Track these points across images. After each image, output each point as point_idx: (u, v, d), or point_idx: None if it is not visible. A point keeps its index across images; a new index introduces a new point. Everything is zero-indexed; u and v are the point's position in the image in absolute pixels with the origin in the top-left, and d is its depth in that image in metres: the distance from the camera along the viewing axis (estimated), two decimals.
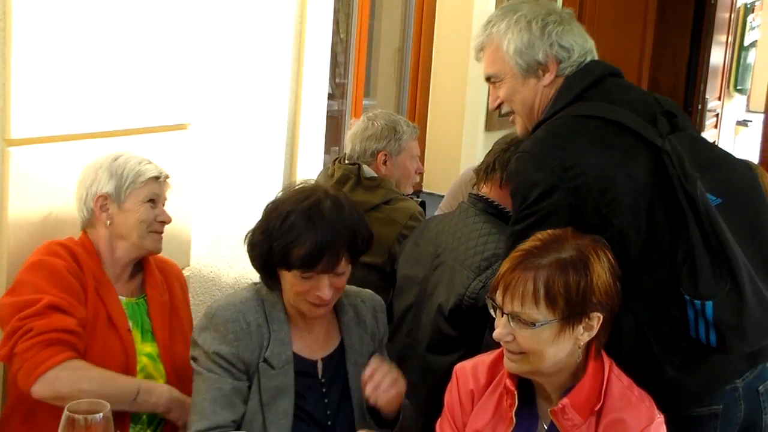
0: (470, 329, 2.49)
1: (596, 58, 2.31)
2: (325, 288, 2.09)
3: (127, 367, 2.28)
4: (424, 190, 4.41)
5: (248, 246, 2.15)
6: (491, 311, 1.96)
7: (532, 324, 1.88)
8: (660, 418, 1.96)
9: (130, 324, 2.34)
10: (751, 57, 9.00)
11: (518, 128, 2.36)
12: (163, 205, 2.42)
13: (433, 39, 4.46)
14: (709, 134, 7.87)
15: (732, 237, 2.03)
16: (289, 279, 2.09)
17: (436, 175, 4.27)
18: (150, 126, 2.74)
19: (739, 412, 2.20)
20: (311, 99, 3.40)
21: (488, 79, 2.35)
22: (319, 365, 2.20)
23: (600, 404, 1.94)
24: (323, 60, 3.47)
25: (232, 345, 2.09)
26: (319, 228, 2.04)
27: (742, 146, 9.42)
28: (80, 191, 2.40)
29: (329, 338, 2.24)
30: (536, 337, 1.90)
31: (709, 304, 2.02)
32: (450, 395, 2.10)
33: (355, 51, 4.01)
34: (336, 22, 3.83)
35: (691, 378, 2.09)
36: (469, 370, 2.10)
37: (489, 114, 4.66)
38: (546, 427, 2.00)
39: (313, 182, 2.25)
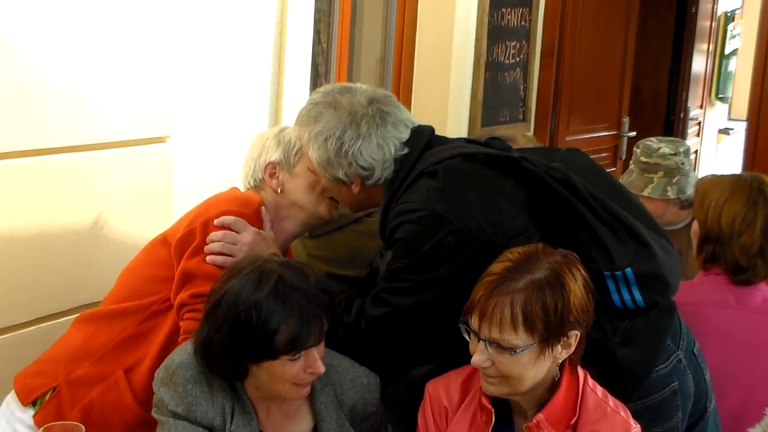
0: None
1: (413, 126, 2.28)
2: (317, 361, 1.94)
3: None
4: None
5: (211, 357, 1.93)
6: (465, 336, 1.92)
7: (512, 350, 1.86)
8: (636, 428, 1.95)
9: None
10: (732, 65, 9.04)
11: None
12: None
13: (414, 49, 4.43)
14: (691, 143, 7.86)
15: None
16: (276, 369, 1.91)
17: None
18: (127, 139, 2.70)
19: (689, 381, 2.29)
20: (292, 110, 3.36)
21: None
22: None
23: (575, 418, 1.93)
24: (304, 70, 3.43)
25: (190, 409, 1.94)
26: (296, 303, 1.89)
27: (724, 154, 9.45)
28: (247, 165, 2.44)
29: (297, 419, 2.07)
30: (516, 362, 1.87)
31: (628, 270, 2.07)
32: (423, 414, 2.08)
33: (336, 61, 3.97)
34: (317, 32, 3.79)
35: (637, 348, 2.14)
36: (441, 387, 2.07)
37: (472, 124, 4.64)
38: None
39: (244, 261, 2.02)
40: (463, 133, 4.54)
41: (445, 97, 4.46)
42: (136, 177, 2.75)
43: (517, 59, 5.00)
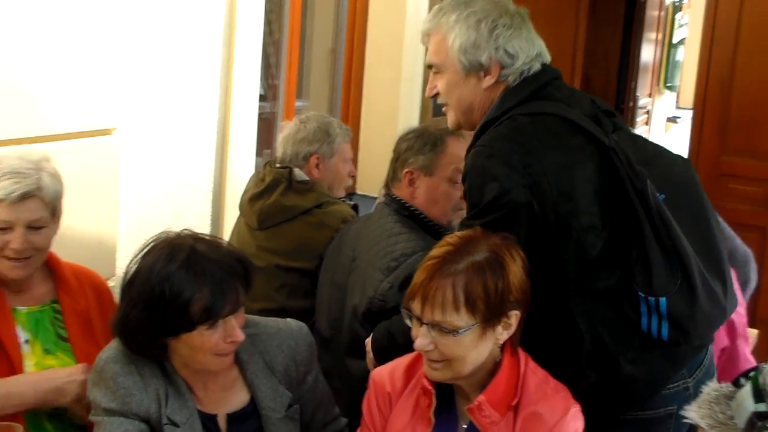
0: None
1: (546, 61, 2.26)
2: (235, 329, 1.93)
3: None
4: (357, 192, 4.38)
5: (128, 334, 1.93)
6: (407, 321, 1.94)
7: (455, 331, 1.87)
8: (576, 408, 1.97)
9: (28, 336, 2.20)
10: (680, 54, 9.14)
11: (450, 121, 2.33)
12: (31, 229, 2.15)
13: (366, 40, 4.43)
14: (640, 131, 7.98)
15: (680, 232, 2.07)
16: (195, 340, 1.90)
17: (370, 177, 4.24)
18: (73, 131, 2.66)
19: None
20: (242, 100, 3.35)
21: (429, 66, 2.30)
22: (222, 421, 2.03)
23: (517, 399, 1.95)
24: (254, 60, 3.41)
25: (124, 402, 1.92)
26: (209, 272, 1.89)
27: (672, 142, 9.56)
28: None
29: (234, 391, 2.06)
30: (459, 343, 1.89)
31: (663, 299, 2.05)
32: (367, 402, 2.09)
33: (287, 52, 3.96)
34: (268, 22, 3.78)
35: (646, 370, 2.12)
36: (386, 374, 2.08)
37: (423, 115, 4.65)
38: (465, 426, 2.00)
39: (159, 238, 1.99)
40: (414, 122, 4.56)
41: (396, 87, 4.47)
42: (82, 170, 2.71)
43: None
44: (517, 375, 1.97)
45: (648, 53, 7.70)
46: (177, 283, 1.87)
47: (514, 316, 1.92)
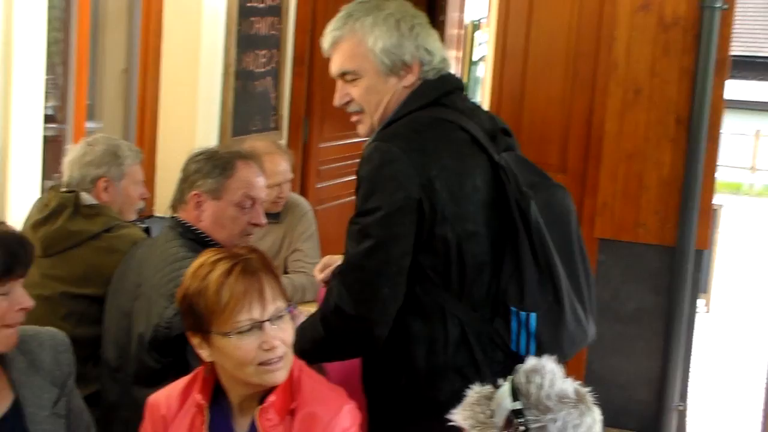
0: (171, 359, 2.48)
1: (451, 67, 2.39)
2: (25, 296, 2.00)
3: None
4: (156, 214, 4.30)
5: None
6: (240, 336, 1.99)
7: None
8: (350, 405, 2.08)
9: None
10: (480, 71, 9.48)
11: (363, 128, 2.38)
12: None
13: (160, 59, 4.36)
14: None
15: (556, 254, 2.21)
16: None
17: (170, 199, 4.20)
18: None
19: None
20: (23, 123, 3.23)
21: (343, 74, 2.33)
22: None
23: (295, 403, 2.04)
24: (36, 81, 3.29)
25: None
26: None
27: None
28: None
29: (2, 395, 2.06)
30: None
31: (533, 315, 2.18)
32: (143, 427, 2.12)
33: (75, 71, 3.84)
34: (55, 41, 3.66)
35: None
36: (162, 398, 2.12)
37: (222, 135, 4.61)
38: None
39: None
40: (213, 142, 4.52)
41: (194, 107, 4.41)
42: None
43: (268, 68, 5.03)
44: (291, 380, 2.06)
45: None
46: None
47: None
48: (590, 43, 4.74)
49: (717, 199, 12.00)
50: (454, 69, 8.13)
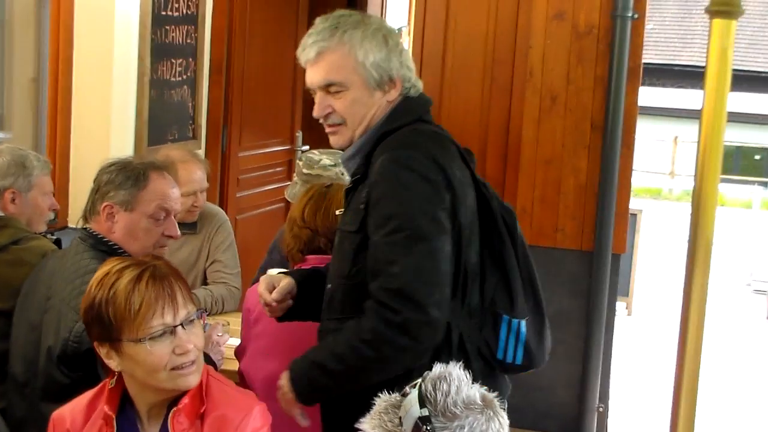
0: (81, 374, 2.44)
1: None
2: None
3: None
4: (70, 225, 4.22)
5: None
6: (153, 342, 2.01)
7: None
8: (261, 406, 2.11)
9: None
10: None
11: (339, 140, 2.35)
12: None
13: (72, 68, 4.27)
14: None
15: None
16: None
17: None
18: None
19: None
20: None
21: (327, 86, 2.29)
22: None
23: (204, 407, 2.05)
24: None
25: None
26: None
27: None
28: None
29: None
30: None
31: (523, 322, 2.26)
32: None
33: None
34: None
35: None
36: (66, 412, 2.10)
37: (138, 142, 4.54)
38: None
39: None
40: (128, 151, 4.45)
41: (108, 117, 4.34)
42: None
43: (185, 77, 4.97)
44: (200, 384, 2.07)
45: None
46: None
47: None
48: (507, 51, 4.78)
49: (637, 204, 12.27)
50: None
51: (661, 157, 19.89)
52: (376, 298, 2.16)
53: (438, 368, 1.75)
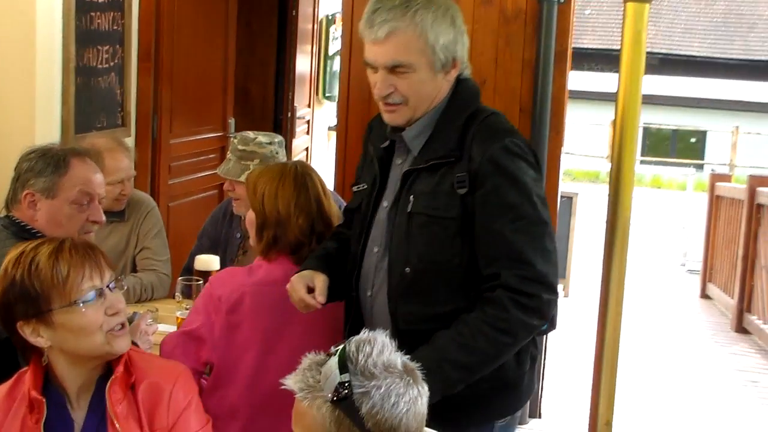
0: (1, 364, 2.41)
1: None
2: None
3: None
4: None
5: None
6: None
7: None
8: (186, 372, 2.20)
9: None
10: (337, 65, 9.49)
11: (398, 118, 2.35)
12: None
13: None
14: (301, 140, 8.19)
15: None
16: None
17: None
18: None
19: None
20: None
21: (394, 67, 2.28)
22: None
23: (133, 377, 2.09)
24: None
25: None
26: None
27: (333, 150, 9.90)
28: None
29: None
30: None
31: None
32: None
33: None
34: None
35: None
36: None
37: (65, 130, 4.48)
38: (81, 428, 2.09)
39: None
40: (55, 139, 4.38)
41: (32, 104, 4.28)
42: None
43: (112, 63, 4.91)
44: (124, 355, 2.11)
45: (304, 65, 7.92)
46: None
47: None
48: None
49: (574, 188, 12.41)
50: (307, 64, 8.13)
51: (599, 142, 20.12)
52: (508, 286, 2.23)
53: (365, 333, 1.79)
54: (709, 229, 9.41)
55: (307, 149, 8.44)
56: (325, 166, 8.20)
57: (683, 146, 23.10)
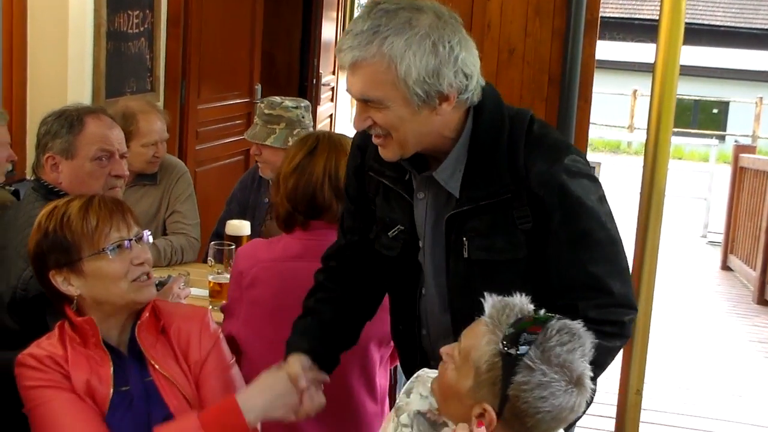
0: (30, 322, 2.45)
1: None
2: None
3: None
4: (28, 177, 4.19)
5: None
6: None
7: None
8: (208, 316, 2.30)
9: None
10: None
11: (388, 153, 2.03)
12: None
13: (26, 20, 4.23)
14: (326, 108, 8.19)
15: None
16: None
17: None
18: None
19: None
20: None
21: (365, 101, 1.96)
22: None
23: (161, 322, 2.23)
24: None
25: None
26: None
27: None
28: None
29: None
30: None
31: None
32: (27, 381, 2.10)
33: None
34: None
35: None
36: (37, 349, 2.13)
37: (96, 94, 4.52)
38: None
39: None
40: (86, 103, 4.41)
41: (64, 69, 4.31)
42: None
43: (142, 29, 4.93)
44: (150, 304, 2.21)
45: (330, 32, 7.91)
46: None
47: None
48: (465, 5, 4.78)
49: (596, 157, 12.36)
50: (333, 31, 8.11)
51: (620, 111, 20.02)
52: (587, 317, 1.90)
53: (574, 324, 1.74)
54: (731, 201, 9.38)
55: (331, 116, 8.45)
56: (348, 133, 8.19)
57: (704, 117, 22.95)
